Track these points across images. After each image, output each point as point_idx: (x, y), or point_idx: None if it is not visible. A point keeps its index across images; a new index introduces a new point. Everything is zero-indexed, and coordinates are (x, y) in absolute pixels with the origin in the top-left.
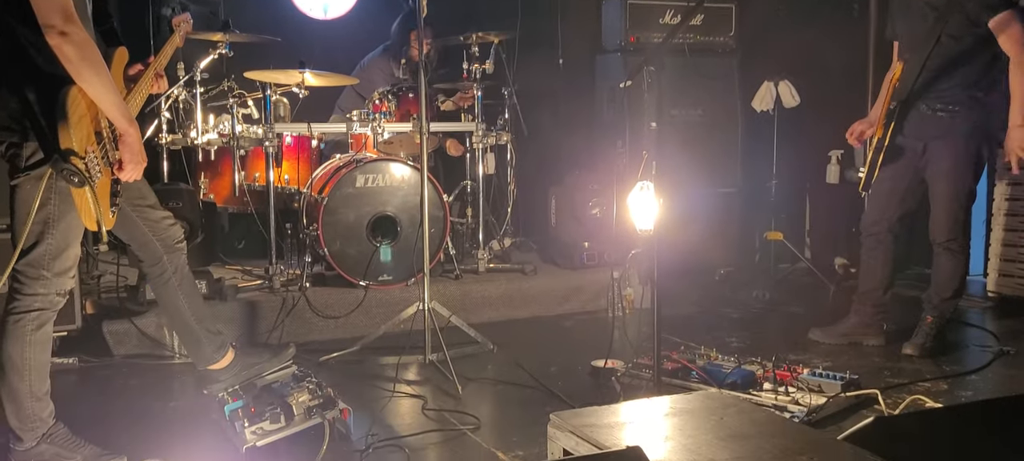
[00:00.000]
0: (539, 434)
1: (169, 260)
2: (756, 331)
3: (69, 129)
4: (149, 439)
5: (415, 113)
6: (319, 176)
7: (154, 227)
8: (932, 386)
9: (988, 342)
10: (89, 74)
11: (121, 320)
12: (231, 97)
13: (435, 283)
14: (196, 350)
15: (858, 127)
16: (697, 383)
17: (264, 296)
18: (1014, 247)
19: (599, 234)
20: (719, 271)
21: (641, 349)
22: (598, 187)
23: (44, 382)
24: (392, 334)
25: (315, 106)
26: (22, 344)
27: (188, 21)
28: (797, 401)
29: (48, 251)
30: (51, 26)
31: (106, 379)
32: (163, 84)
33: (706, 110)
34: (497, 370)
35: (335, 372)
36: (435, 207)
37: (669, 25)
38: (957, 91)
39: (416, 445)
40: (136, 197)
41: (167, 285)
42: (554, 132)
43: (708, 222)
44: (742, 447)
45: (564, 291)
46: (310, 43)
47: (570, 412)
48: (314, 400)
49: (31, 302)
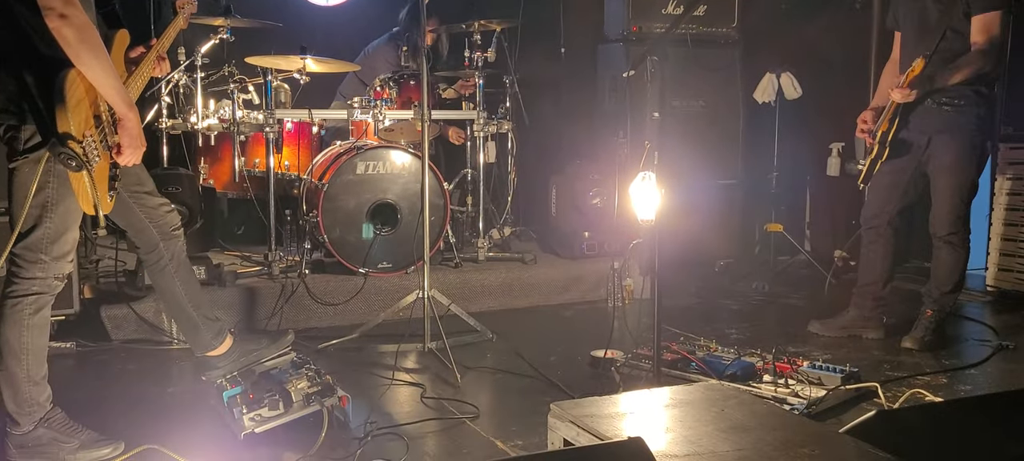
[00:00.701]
0: (538, 424)
1: (165, 247)
2: (756, 323)
3: (67, 113)
4: (147, 425)
5: (416, 100)
6: (319, 162)
7: (151, 214)
8: (931, 380)
9: (987, 337)
10: (88, 57)
11: (119, 305)
12: (232, 82)
13: (435, 271)
14: (194, 337)
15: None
16: (697, 374)
17: (263, 283)
18: (1013, 241)
19: (599, 224)
20: (719, 262)
21: (641, 340)
22: (599, 177)
23: (42, 366)
24: (391, 322)
25: (316, 92)
26: (20, 328)
27: (192, 2)
28: (797, 393)
29: (46, 235)
30: (50, 8)
31: (104, 364)
32: (165, 67)
33: (708, 101)
34: (496, 359)
35: (334, 359)
36: (435, 195)
37: (672, 15)
38: (962, 85)
39: (415, 434)
40: (134, 183)
41: (164, 272)
42: (555, 121)
43: (709, 213)
44: (744, 439)
45: (564, 281)
46: (311, 29)
47: (570, 402)
48: (313, 387)
49: (29, 286)
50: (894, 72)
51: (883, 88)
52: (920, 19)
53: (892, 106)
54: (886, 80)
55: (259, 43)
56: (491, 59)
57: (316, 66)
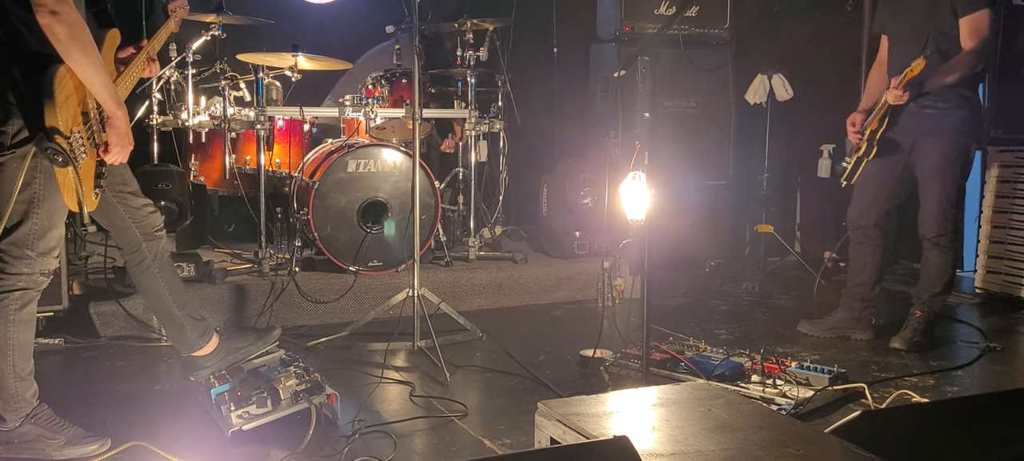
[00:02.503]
0: (526, 422)
1: (148, 248)
2: (745, 323)
3: (55, 108)
4: (134, 421)
5: (408, 99)
6: (310, 160)
7: (134, 214)
8: (919, 381)
9: (975, 338)
10: (78, 54)
11: (108, 301)
12: (223, 79)
13: (425, 270)
14: (180, 337)
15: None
16: (685, 374)
17: (253, 280)
18: (1002, 244)
19: (590, 224)
20: (709, 263)
21: (630, 339)
22: (590, 177)
23: (28, 362)
24: (381, 320)
25: (307, 90)
26: (5, 323)
27: (184, 6)
28: (785, 394)
29: (32, 231)
30: (41, 5)
31: (92, 360)
32: (154, 69)
33: (699, 102)
34: (486, 358)
35: (323, 357)
36: (426, 194)
37: (664, 16)
38: (946, 88)
39: (403, 432)
40: (118, 183)
41: (147, 272)
42: (547, 121)
43: (699, 214)
44: (729, 439)
45: (554, 280)
46: (303, 26)
47: (558, 401)
48: (301, 385)
49: (15, 282)
50: (882, 74)
51: (872, 90)
52: (908, 22)
53: (884, 106)
54: (874, 82)
55: (251, 40)
56: (483, 58)
57: (308, 64)
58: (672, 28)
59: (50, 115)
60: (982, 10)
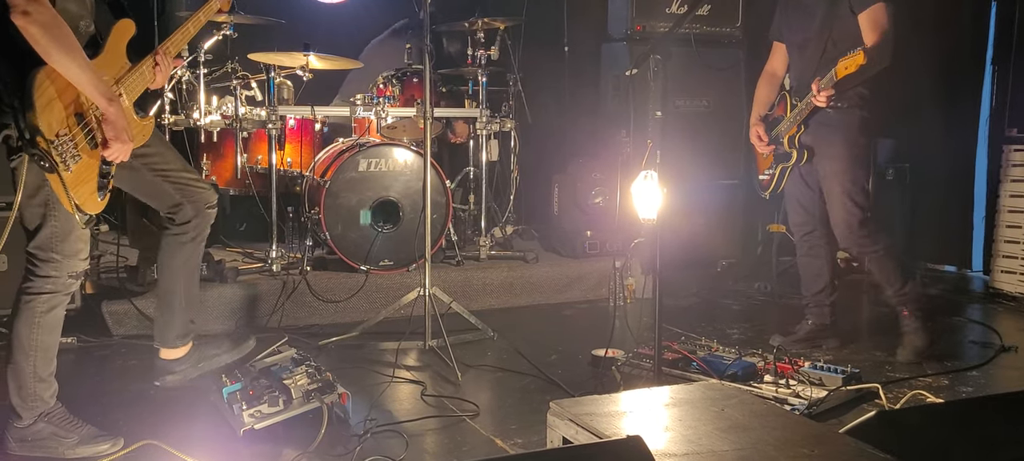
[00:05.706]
0: (538, 422)
1: (195, 223)
2: (757, 323)
3: (35, 114)
4: (146, 420)
5: (419, 98)
6: (322, 160)
7: (184, 190)
8: (933, 381)
9: (990, 339)
10: (57, 54)
11: (121, 300)
12: (235, 79)
13: (436, 269)
14: (165, 327)
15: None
16: (697, 374)
17: (265, 279)
18: (1016, 244)
19: (601, 223)
20: (721, 262)
21: (642, 339)
22: (601, 176)
23: (49, 364)
24: (392, 319)
25: (319, 89)
26: (30, 325)
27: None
28: (798, 394)
29: (54, 233)
30: (13, 5)
31: (104, 359)
32: (161, 78)
33: (711, 101)
34: (497, 357)
35: (334, 357)
36: (437, 193)
37: (675, 14)
38: (845, 88)
39: (414, 431)
40: (159, 164)
41: (183, 247)
42: (558, 120)
43: (711, 213)
44: (743, 439)
45: (565, 279)
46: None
47: (570, 400)
48: (313, 384)
49: (43, 284)
50: (771, 83)
51: (761, 98)
52: (806, 25)
53: (809, 109)
54: (763, 91)
55: (262, 40)
56: (494, 57)
57: (319, 63)
58: (683, 27)
59: (32, 120)
60: (878, 3)
